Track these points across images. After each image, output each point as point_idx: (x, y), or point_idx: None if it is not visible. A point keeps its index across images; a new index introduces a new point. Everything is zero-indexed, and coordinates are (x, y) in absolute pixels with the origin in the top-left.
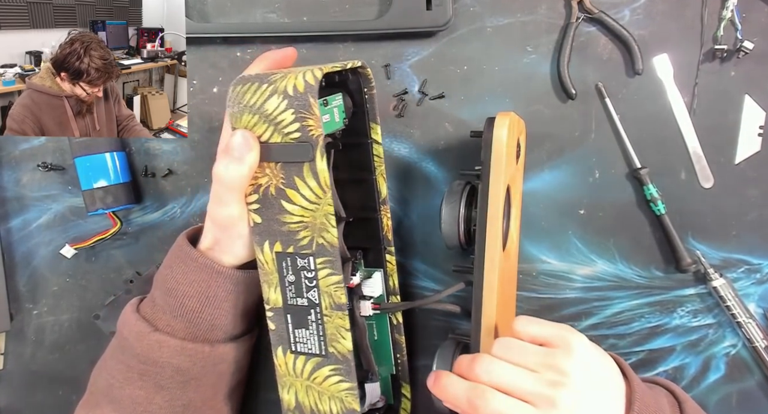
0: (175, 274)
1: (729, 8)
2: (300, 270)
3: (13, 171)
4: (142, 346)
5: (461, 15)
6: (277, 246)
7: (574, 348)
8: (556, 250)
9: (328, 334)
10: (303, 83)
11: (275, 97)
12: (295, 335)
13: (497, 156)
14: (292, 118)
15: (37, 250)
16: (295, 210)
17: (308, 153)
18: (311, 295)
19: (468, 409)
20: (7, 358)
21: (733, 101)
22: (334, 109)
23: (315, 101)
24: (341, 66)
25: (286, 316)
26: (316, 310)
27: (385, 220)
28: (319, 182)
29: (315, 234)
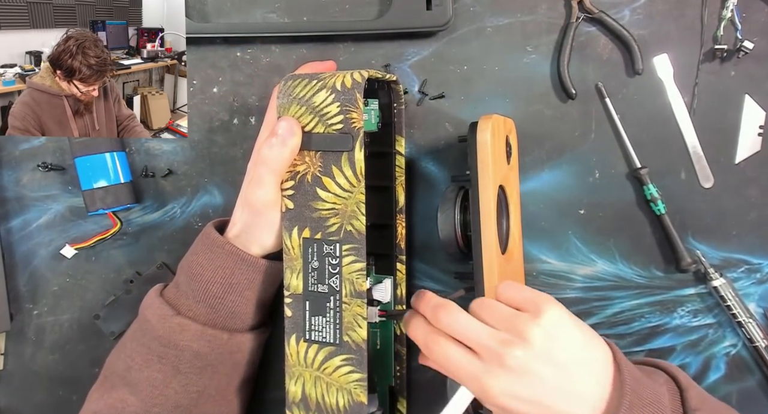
0: (201, 260)
1: (729, 8)
2: (325, 256)
3: (13, 171)
4: (164, 329)
5: (461, 15)
6: (306, 232)
7: (543, 314)
8: (556, 250)
9: (345, 322)
10: (351, 81)
11: (323, 92)
12: (311, 323)
13: (482, 160)
14: (337, 110)
15: (37, 250)
16: (329, 197)
17: (348, 143)
18: (333, 281)
19: (423, 350)
20: (7, 358)
21: (733, 101)
22: (372, 112)
23: (360, 97)
24: (382, 75)
25: (304, 303)
26: (336, 296)
27: (400, 228)
28: (355, 171)
29: (344, 221)
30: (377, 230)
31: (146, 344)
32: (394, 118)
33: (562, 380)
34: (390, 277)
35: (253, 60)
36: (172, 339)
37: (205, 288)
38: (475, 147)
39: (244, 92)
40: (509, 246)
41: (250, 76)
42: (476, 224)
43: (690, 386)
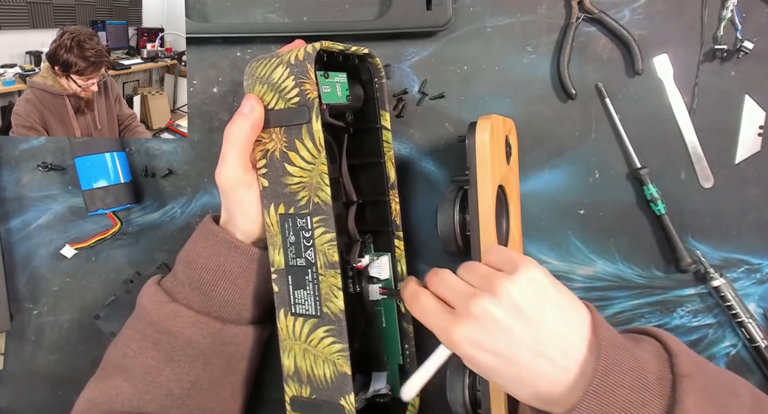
0: (197, 248)
1: (729, 8)
2: (299, 230)
3: (13, 171)
4: (158, 315)
5: (461, 15)
6: (281, 208)
7: (518, 272)
8: (556, 250)
9: (323, 293)
10: (303, 53)
11: (280, 67)
12: (295, 296)
13: (481, 160)
14: (293, 84)
15: (37, 250)
16: (295, 171)
17: (305, 115)
18: (308, 254)
19: (407, 305)
20: (7, 358)
21: (733, 101)
22: (337, 84)
23: (312, 67)
24: (344, 47)
25: (287, 278)
26: (312, 269)
27: (394, 204)
28: (314, 142)
29: (311, 193)
30: (371, 207)
31: (141, 330)
32: (376, 94)
33: (530, 337)
34: (387, 254)
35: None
36: (165, 325)
37: (199, 275)
38: (473, 147)
39: (244, 92)
40: (509, 246)
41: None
42: (475, 224)
43: (680, 352)
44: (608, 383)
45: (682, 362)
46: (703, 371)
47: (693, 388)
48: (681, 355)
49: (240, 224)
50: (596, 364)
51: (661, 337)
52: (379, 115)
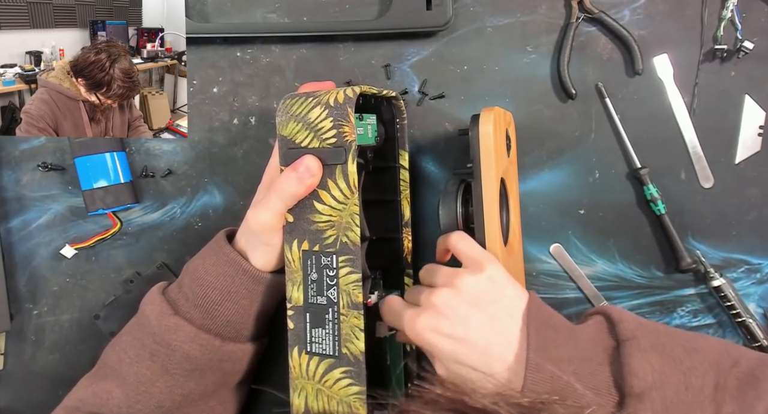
0: (206, 265)
1: (729, 8)
2: (323, 268)
3: (13, 171)
4: (159, 326)
5: (461, 15)
6: (305, 244)
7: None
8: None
9: (343, 333)
10: (343, 96)
11: (318, 108)
12: (312, 335)
13: (485, 151)
14: (331, 125)
15: (37, 250)
16: (325, 210)
17: (342, 156)
18: (331, 293)
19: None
20: (7, 358)
21: (733, 101)
22: (368, 126)
23: (352, 111)
24: (378, 91)
25: (305, 315)
26: (334, 308)
27: (407, 242)
28: (348, 183)
29: (340, 233)
30: (384, 244)
31: (141, 339)
32: (397, 133)
33: (485, 324)
34: (397, 291)
35: (253, 60)
36: (165, 338)
37: (204, 293)
38: (477, 138)
39: (244, 92)
40: (510, 238)
41: (250, 76)
42: (479, 215)
43: (621, 319)
44: (546, 357)
45: (624, 328)
46: (652, 332)
47: (637, 349)
48: (622, 322)
49: (258, 255)
50: (528, 341)
51: (605, 310)
52: (398, 155)
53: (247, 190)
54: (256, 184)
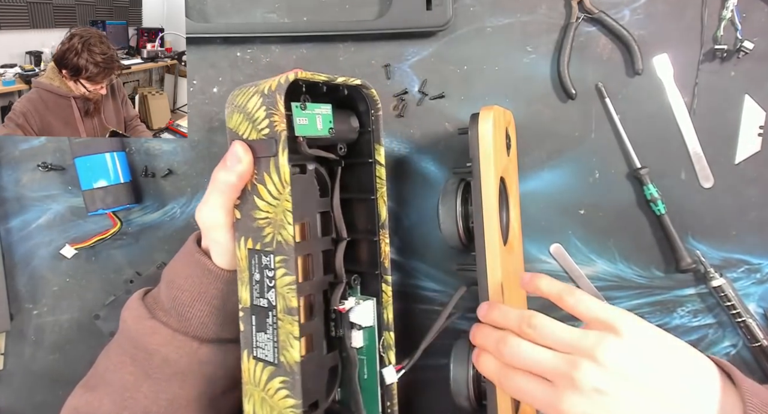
0: (176, 267)
1: (729, 8)
2: (264, 268)
3: (13, 171)
4: (137, 330)
5: (461, 15)
6: (249, 242)
7: (622, 333)
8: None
9: (281, 340)
10: (276, 83)
11: (255, 97)
12: (257, 339)
13: (484, 150)
14: (264, 114)
15: (37, 250)
16: (263, 206)
17: (273, 148)
18: (270, 295)
19: (498, 387)
20: (7, 358)
21: (733, 101)
22: (317, 116)
23: (280, 98)
24: (327, 78)
25: (251, 317)
26: (273, 312)
27: (383, 245)
28: (280, 177)
29: (276, 230)
30: (364, 247)
31: (122, 345)
32: (372, 126)
33: (646, 400)
34: (372, 299)
35: (253, 60)
36: (142, 341)
37: (175, 295)
38: (476, 137)
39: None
40: (509, 237)
41: (250, 76)
42: (479, 214)
43: None
44: None
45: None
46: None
47: None
48: None
49: (215, 254)
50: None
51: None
52: (374, 149)
53: None
54: None
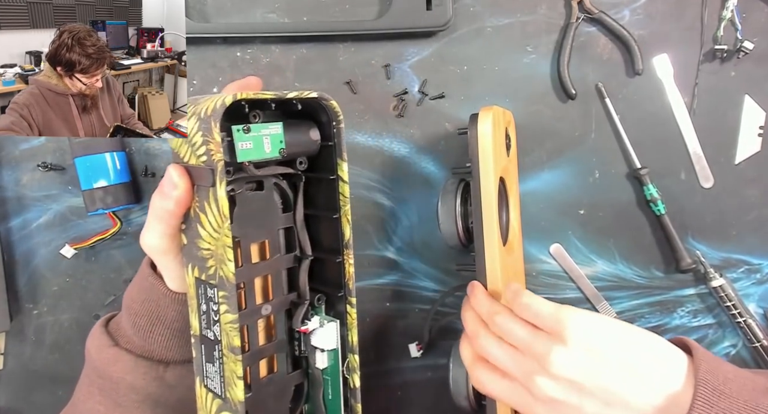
0: (132, 292)
1: (729, 8)
2: (209, 300)
3: (13, 171)
4: (100, 359)
5: (461, 15)
6: (196, 271)
7: (566, 338)
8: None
9: (226, 376)
10: (213, 107)
11: (193, 119)
12: (206, 369)
13: (484, 150)
14: (201, 140)
15: (37, 250)
16: (205, 236)
17: (210, 178)
18: (215, 329)
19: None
20: (7, 358)
21: (733, 101)
22: (264, 138)
23: (216, 125)
24: (275, 95)
25: (201, 347)
26: (219, 346)
27: (347, 266)
28: (219, 209)
29: (218, 264)
30: (328, 264)
31: (89, 375)
32: (334, 140)
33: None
34: (335, 321)
35: (253, 60)
36: (106, 370)
37: (134, 321)
38: (476, 137)
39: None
40: (509, 238)
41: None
42: (478, 214)
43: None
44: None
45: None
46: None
47: None
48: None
49: (168, 282)
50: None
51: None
52: (336, 165)
53: None
54: None
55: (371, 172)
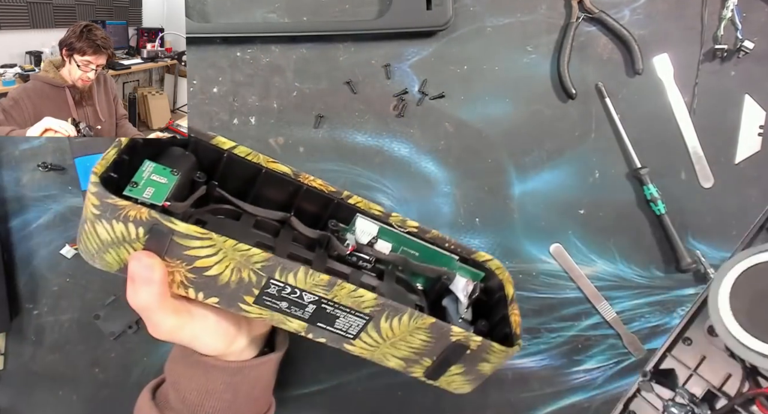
0: (177, 369)
1: (729, 8)
2: (279, 296)
3: (13, 171)
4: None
5: (461, 15)
6: (248, 299)
7: None
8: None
9: (352, 305)
10: (91, 200)
11: (98, 226)
12: (340, 328)
13: None
14: (119, 224)
15: (37, 250)
16: (218, 269)
17: (164, 233)
18: (307, 298)
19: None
20: (7, 358)
21: (733, 101)
22: (151, 178)
23: (114, 199)
24: (116, 152)
25: (318, 327)
26: (324, 302)
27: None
28: (200, 237)
29: (246, 268)
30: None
31: None
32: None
33: None
34: (356, 216)
35: (253, 60)
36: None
37: (184, 396)
38: None
39: (244, 92)
40: None
41: (250, 76)
42: None
43: None
44: None
45: None
46: None
47: None
48: None
49: (204, 348)
50: None
51: None
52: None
53: None
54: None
55: (371, 172)
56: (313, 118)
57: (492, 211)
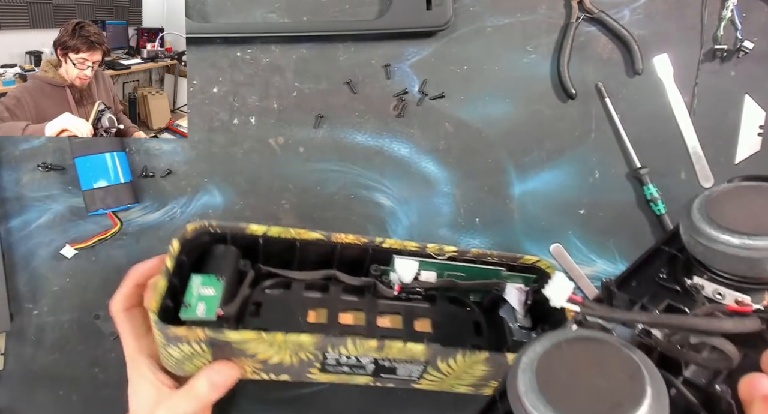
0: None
1: (729, 8)
2: (338, 364)
3: (13, 171)
4: None
5: (461, 15)
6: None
7: None
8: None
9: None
10: (155, 332)
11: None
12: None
13: None
14: (184, 347)
15: (37, 251)
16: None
17: (223, 343)
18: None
19: None
20: (7, 358)
21: (733, 101)
22: (201, 290)
23: (171, 330)
24: (169, 267)
25: (382, 377)
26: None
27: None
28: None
29: (302, 351)
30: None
31: None
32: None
33: None
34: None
35: (253, 60)
36: None
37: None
38: None
39: (244, 92)
40: None
41: (250, 76)
42: None
43: None
44: None
45: None
46: None
47: None
48: None
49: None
50: None
51: None
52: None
53: (247, 190)
54: (256, 185)
55: (371, 172)
56: (313, 118)
57: (492, 211)
